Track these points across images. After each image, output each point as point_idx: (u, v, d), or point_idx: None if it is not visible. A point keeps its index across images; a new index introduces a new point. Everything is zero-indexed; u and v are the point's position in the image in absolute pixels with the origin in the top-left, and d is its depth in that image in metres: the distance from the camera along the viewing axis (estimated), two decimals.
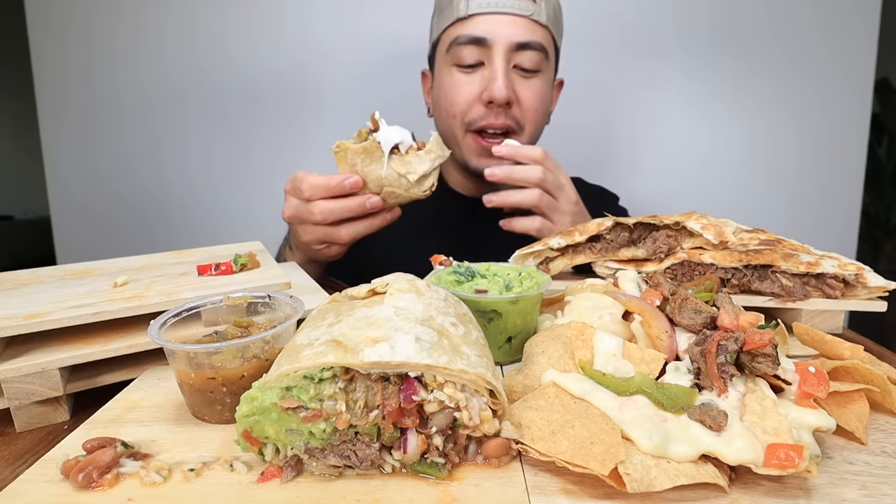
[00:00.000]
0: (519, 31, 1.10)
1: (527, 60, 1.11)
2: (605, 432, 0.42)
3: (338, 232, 0.96)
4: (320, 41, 1.69)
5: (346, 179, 0.92)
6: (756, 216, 1.66)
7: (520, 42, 1.09)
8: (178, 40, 1.70)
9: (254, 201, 1.77)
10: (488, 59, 1.11)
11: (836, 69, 1.64)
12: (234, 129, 1.75)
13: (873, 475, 0.42)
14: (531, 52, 1.11)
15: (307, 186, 0.93)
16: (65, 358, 0.56)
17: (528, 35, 1.10)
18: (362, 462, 0.42)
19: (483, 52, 1.11)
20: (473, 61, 1.12)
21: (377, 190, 0.94)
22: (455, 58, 1.13)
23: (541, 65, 1.13)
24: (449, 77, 1.16)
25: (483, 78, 1.12)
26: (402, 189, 0.93)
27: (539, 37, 1.12)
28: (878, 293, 0.71)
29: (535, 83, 1.14)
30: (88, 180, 1.80)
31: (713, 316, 0.51)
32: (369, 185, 0.93)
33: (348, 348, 0.42)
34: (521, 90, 1.13)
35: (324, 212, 0.94)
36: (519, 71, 1.12)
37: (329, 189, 0.92)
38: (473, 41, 1.10)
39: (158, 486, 0.42)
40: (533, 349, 0.57)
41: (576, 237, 0.81)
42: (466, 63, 1.12)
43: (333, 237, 0.97)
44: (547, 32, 1.14)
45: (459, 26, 1.13)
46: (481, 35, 1.09)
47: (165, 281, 0.69)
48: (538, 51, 1.11)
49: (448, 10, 1.15)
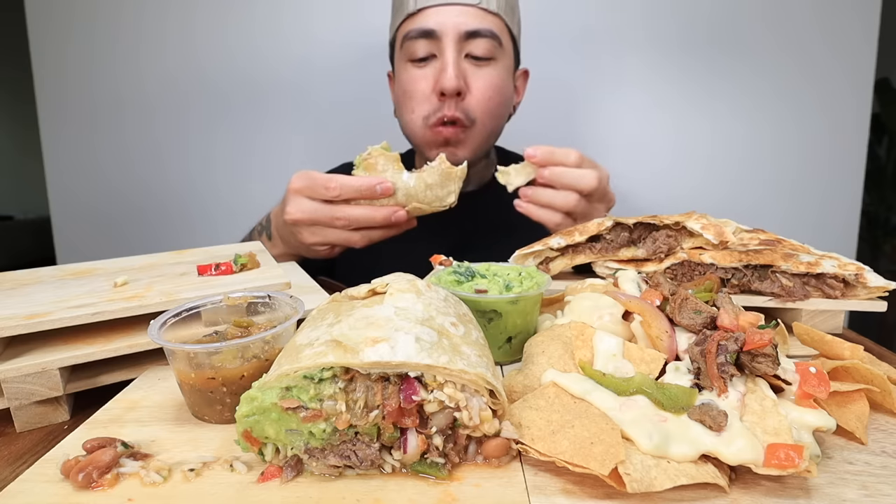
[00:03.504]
0: (468, 19, 1.10)
1: (478, 48, 1.11)
2: (605, 432, 0.42)
3: (352, 237, 0.95)
4: (322, 40, 1.69)
5: (380, 184, 0.90)
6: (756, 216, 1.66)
7: (469, 30, 1.09)
8: (178, 40, 1.70)
9: (254, 201, 1.77)
10: (439, 50, 1.11)
11: (836, 69, 1.64)
12: (234, 129, 1.75)
13: (873, 475, 0.42)
14: (482, 40, 1.11)
15: (337, 185, 0.90)
16: (65, 358, 0.56)
17: (478, 23, 1.10)
18: (362, 462, 0.42)
19: (434, 45, 1.11)
20: (425, 54, 1.12)
21: (404, 201, 0.92)
22: (408, 53, 1.14)
23: (493, 52, 1.13)
24: (405, 73, 1.16)
25: (435, 70, 1.12)
26: (426, 202, 0.93)
27: (489, 24, 1.12)
28: (878, 293, 0.71)
29: (488, 72, 1.14)
30: (88, 180, 1.80)
31: (713, 316, 0.51)
32: (397, 195, 0.92)
33: (348, 348, 0.42)
34: (473, 80, 1.12)
35: (349, 218, 0.91)
36: (471, 60, 1.12)
37: (359, 191, 0.90)
38: (423, 34, 1.11)
39: (158, 486, 0.42)
40: (533, 349, 0.57)
41: (576, 237, 0.81)
42: (419, 56, 1.12)
43: (348, 242, 0.96)
44: (499, 20, 1.14)
45: (410, 21, 1.13)
46: (430, 27, 1.10)
47: (165, 281, 0.69)
48: (489, 38, 1.11)
49: (400, 8, 1.16)
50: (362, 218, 0.92)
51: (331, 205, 0.93)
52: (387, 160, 0.92)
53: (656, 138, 1.71)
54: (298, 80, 1.71)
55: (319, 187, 0.92)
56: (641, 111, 1.70)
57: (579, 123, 1.71)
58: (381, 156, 0.92)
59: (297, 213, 0.94)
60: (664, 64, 1.66)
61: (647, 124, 1.71)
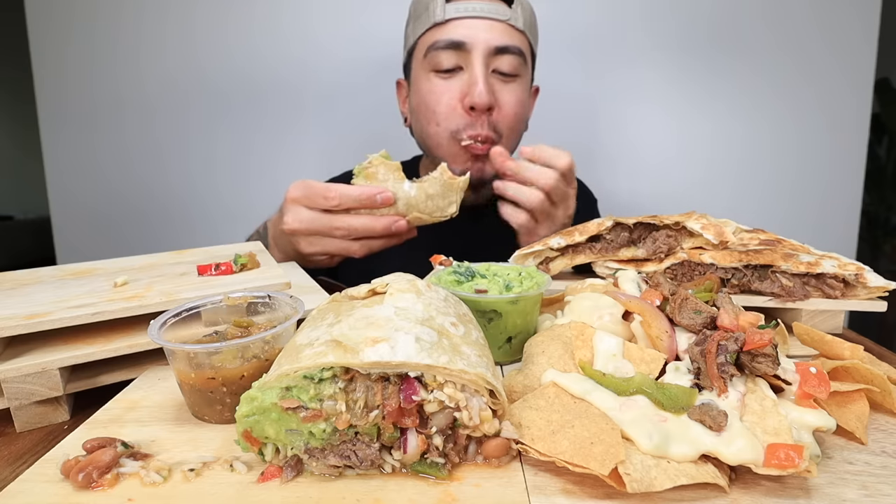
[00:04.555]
0: (497, 35, 1.09)
1: (506, 64, 1.10)
2: (605, 432, 0.42)
3: (352, 247, 0.94)
4: (321, 41, 1.69)
5: (380, 193, 0.89)
6: (756, 216, 1.66)
7: (498, 46, 1.09)
8: (178, 40, 1.70)
9: (254, 201, 1.77)
10: (467, 63, 1.10)
11: (836, 69, 1.64)
12: (234, 129, 1.75)
13: (873, 475, 0.42)
14: (510, 56, 1.10)
15: (336, 195, 0.89)
16: (65, 358, 0.56)
17: (507, 39, 1.09)
18: (362, 462, 0.42)
19: (461, 57, 1.10)
20: (452, 66, 1.10)
21: (405, 211, 0.92)
22: (433, 63, 1.12)
23: (519, 69, 1.12)
24: (427, 83, 1.14)
25: (462, 83, 1.11)
26: (427, 212, 0.92)
27: (517, 41, 1.11)
28: (878, 293, 0.71)
29: (514, 88, 1.13)
30: (88, 180, 1.80)
31: (713, 316, 0.51)
32: (398, 205, 0.91)
33: (348, 348, 0.42)
34: (501, 95, 1.12)
35: (349, 228, 0.91)
36: (498, 75, 1.11)
37: (359, 201, 0.90)
38: (452, 45, 1.09)
39: (158, 486, 0.42)
40: (533, 349, 0.57)
41: (576, 237, 0.81)
42: (444, 67, 1.11)
43: (347, 252, 0.95)
44: (524, 37, 1.14)
45: (437, 31, 1.11)
46: (460, 39, 1.08)
47: (165, 281, 0.69)
48: (517, 55, 1.11)
49: (424, 16, 1.14)
50: (362, 228, 0.91)
51: (330, 214, 0.92)
52: (387, 169, 0.91)
53: (656, 138, 1.71)
54: (298, 81, 1.71)
55: (318, 196, 0.90)
56: (641, 111, 1.70)
57: (579, 124, 1.71)
58: (381, 165, 0.91)
59: (295, 223, 0.93)
60: (664, 64, 1.66)
61: (646, 124, 1.71)
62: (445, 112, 1.12)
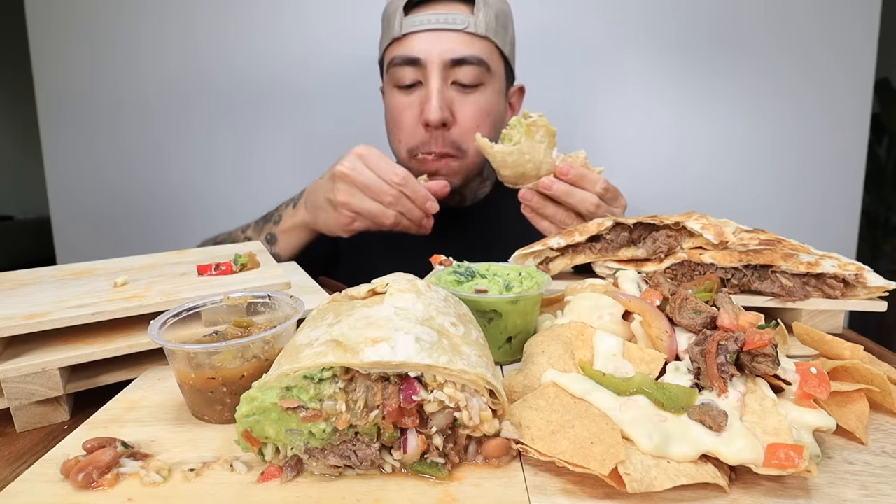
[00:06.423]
0: (454, 46, 1.08)
1: (465, 76, 1.09)
2: (605, 432, 0.42)
3: (387, 212, 0.97)
4: (322, 41, 1.69)
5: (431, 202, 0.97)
6: (756, 216, 1.66)
7: (455, 58, 1.08)
8: (178, 40, 1.70)
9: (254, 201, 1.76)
10: (425, 78, 1.10)
11: (836, 69, 1.64)
12: (234, 130, 1.75)
13: (873, 475, 0.42)
14: (469, 67, 1.09)
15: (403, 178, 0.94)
16: (65, 358, 0.56)
17: (464, 50, 1.08)
18: (362, 462, 0.42)
19: (419, 72, 1.09)
20: (411, 81, 1.11)
21: (534, 172, 0.93)
22: (394, 78, 1.13)
23: (481, 78, 1.11)
24: (392, 98, 1.16)
25: (421, 98, 1.11)
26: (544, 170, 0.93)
27: (477, 50, 1.09)
28: (878, 293, 0.71)
29: (475, 98, 1.12)
30: (88, 180, 1.80)
31: (713, 316, 0.51)
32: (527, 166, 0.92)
33: (348, 348, 0.42)
34: (459, 108, 1.11)
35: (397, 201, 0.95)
36: (458, 87, 1.11)
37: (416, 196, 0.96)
38: (408, 62, 1.09)
39: (158, 486, 0.42)
40: (533, 349, 0.57)
41: (576, 237, 0.81)
42: (405, 83, 1.11)
43: (380, 216, 0.97)
44: (487, 43, 1.11)
45: (396, 46, 1.12)
46: (415, 55, 1.08)
47: (165, 281, 0.69)
48: (476, 65, 1.09)
49: (387, 30, 1.14)
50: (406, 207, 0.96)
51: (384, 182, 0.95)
52: (546, 133, 0.91)
53: (656, 138, 1.71)
54: (299, 81, 1.71)
55: (385, 165, 0.95)
56: (641, 111, 1.70)
57: (579, 123, 1.71)
58: (544, 126, 0.91)
59: (350, 170, 0.96)
60: (664, 64, 1.66)
61: (647, 124, 1.70)
62: (407, 128, 1.14)
